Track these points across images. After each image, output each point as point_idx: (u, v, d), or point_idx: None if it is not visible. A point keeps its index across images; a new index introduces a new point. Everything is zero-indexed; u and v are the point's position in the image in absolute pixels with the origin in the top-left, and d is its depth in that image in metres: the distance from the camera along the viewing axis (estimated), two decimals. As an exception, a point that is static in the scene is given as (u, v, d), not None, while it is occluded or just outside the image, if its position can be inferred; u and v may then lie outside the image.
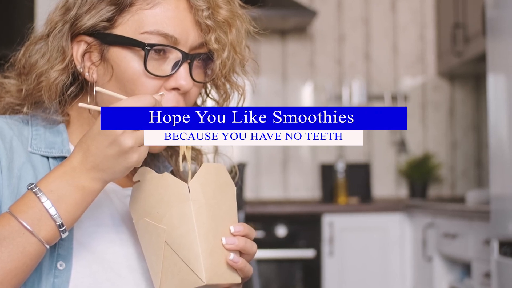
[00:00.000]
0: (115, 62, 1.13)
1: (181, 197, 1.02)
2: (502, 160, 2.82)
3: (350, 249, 4.13)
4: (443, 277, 3.80)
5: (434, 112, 4.87)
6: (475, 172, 4.86)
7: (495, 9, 2.90)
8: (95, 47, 1.14)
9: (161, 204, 1.03)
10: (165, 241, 1.03)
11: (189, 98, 1.17)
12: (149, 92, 1.12)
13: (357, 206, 4.30)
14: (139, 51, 1.12)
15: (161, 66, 1.13)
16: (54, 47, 1.15)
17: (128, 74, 1.12)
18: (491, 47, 2.94)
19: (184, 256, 1.02)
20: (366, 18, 4.87)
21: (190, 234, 1.02)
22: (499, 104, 2.85)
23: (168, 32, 1.11)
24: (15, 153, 1.12)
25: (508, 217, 2.74)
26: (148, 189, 1.04)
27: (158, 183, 1.04)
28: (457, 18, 4.31)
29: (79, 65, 1.15)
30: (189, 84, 1.14)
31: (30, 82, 1.15)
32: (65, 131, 1.17)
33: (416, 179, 4.65)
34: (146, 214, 1.05)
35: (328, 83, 4.80)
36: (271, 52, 4.81)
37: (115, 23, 1.13)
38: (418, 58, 4.87)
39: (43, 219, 1.01)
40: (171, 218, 1.03)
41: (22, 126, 1.17)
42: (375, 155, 4.84)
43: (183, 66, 1.13)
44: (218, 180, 1.07)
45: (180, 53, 1.13)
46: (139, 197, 1.06)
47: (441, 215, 3.71)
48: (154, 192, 1.04)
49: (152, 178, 1.04)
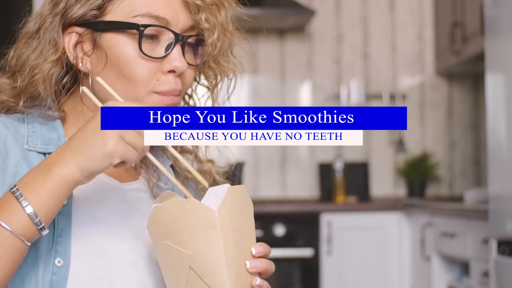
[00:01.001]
0: (109, 48, 1.13)
1: (209, 224, 1.00)
2: (500, 160, 2.82)
3: (348, 248, 4.13)
4: (442, 276, 3.80)
5: (433, 112, 4.87)
6: (473, 172, 4.87)
7: (494, 8, 2.90)
8: (86, 36, 1.15)
9: (185, 229, 1.01)
10: (190, 266, 1.01)
11: (185, 81, 1.18)
12: (146, 75, 1.13)
13: (355, 205, 4.30)
14: (132, 34, 1.12)
15: (155, 49, 1.14)
16: (46, 40, 1.15)
17: (122, 58, 1.13)
18: (489, 47, 2.94)
19: (211, 283, 1.01)
20: (364, 17, 4.87)
21: (218, 262, 1.01)
22: (497, 104, 2.86)
23: (160, 14, 1.13)
24: (10, 151, 1.12)
25: (506, 216, 2.74)
26: (171, 213, 1.02)
27: (183, 207, 1.01)
28: (455, 17, 4.32)
29: (72, 56, 1.16)
30: (184, 65, 1.14)
31: (24, 77, 1.16)
32: (61, 127, 1.18)
33: (414, 179, 4.66)
34: (167, 237, 1.02)
35: (327, 83, 4.80)
36: (269, 51, 4.81)
37: (105, 10, 1.13)
38: (416, 58, 4.87)
39: (16, 212, 1.00)
40: (197, 244, 1.00)
41: (18, 125, 1.17)
42: (374, 154, 4.84)
43: (176, 48, 1.14)
44: (240, 202, 1.05)
45: (172, 34, 1.14)
46: (160, 219, 1.03)
47: (440, 215, 3.72)
48: (178, 217, 1.01)
49: (176, 202, 1.01)
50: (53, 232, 1.09)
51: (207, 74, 1.26)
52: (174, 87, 1.15)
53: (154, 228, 1.04)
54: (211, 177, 1.32)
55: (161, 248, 1.04)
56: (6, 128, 1.14)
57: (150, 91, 1.14)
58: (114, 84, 1.14)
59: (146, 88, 1.14)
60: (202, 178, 1.13)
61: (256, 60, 4.80)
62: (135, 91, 1.14)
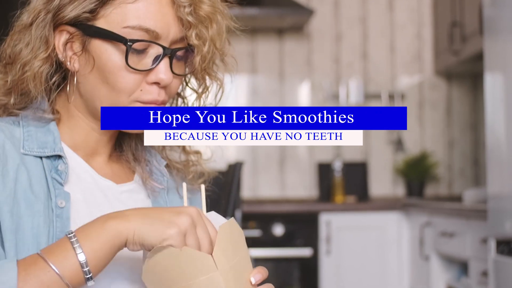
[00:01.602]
0: (96, 54, 1.13)
1: (207, 269, 1.01)
2: (499, 159, 2.82)
3: (347, 248, 4.13)
4: (440, 276, 3.81)
5: (431, 111, 4.87)
6: (472, 171, 4.87)
7: (492, 8, 2.90)
8: (77, 37, 1.15)
9: (183, 278, 1.01)
10: None
11: (170, 91, 1.17)
12: (130, 86, 1.13)
13: (354, 205, 4.30)
14: (120, 45, 1.12)
15: (142, 60, 1.13)
16: (37, 36, 1.15)
17: (108, 66, 1.13)
18: (488, 46, 2.94)
19: None
20: (363, 17, 4.87)
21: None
22: (496, 103, 2.86)
23: (150, 27, 1.12)
24: (9, 156, 1.12)
25: (505, 215, 2.74)
26: (166, 264, 1.01)
27: (178, 257, 1.00)
28: (454, 16, 4.32)
29: (61, 55, 1.16)
30: (169, 78, 1.14)
31: (15, 73, 1.16)
32: (56, 129, 1.17)
33: (413, 178, 4.66)
34: (166, 287, 1.02)
35: (326, 82, 4.80)
36: (268, 51, 4.81)
37: (98, 15, 1.13)
38: (415, 57, 4.87)
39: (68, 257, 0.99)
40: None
41: (13, 128, 1.17)
42: (372, 154, 4.84)
43: (164, 61, 1.14)
44: (232, 238, 1.06)
45: (161, 48, 1.13)
46: (155, 271, 1.02)
47: (438, 214, 3.72)
48: (174, 267, 1.01)
49: (169, 254, 1.00)
50: (52, 235, 1.09)
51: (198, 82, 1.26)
52: (157, 98, 1.14)
53: (151, 279, 1.04)
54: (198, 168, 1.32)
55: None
56: (2, 133, 1.14)
57: (133, 100, 1.14)
58: (99, 89, 1.14)
59: (129, 98, 1.14)
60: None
61: (255, 59, 4.80)
62: (118, 99, 1.14)
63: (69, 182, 1.15)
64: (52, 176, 1.13)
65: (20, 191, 1.09)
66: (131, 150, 1.26)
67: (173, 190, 1.29)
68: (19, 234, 1.07)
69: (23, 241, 1.07)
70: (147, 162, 1.26)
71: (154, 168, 1.26)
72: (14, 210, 1.08)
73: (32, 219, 1.08)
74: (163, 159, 1.28)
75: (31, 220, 1.08)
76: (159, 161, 1.28)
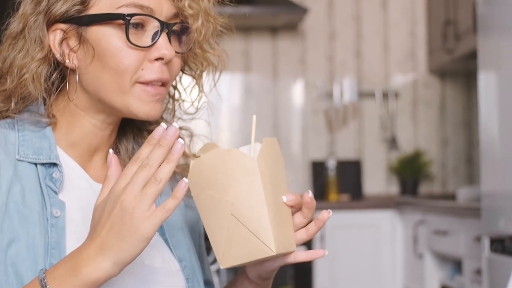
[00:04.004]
0: (95, 41, 1.13)
1: (250, 172, 1.04)
2: (493, 157, 2.83)
3: (341, 246, 4.13)
4: (434, 274, 3.81)
5: (425, 109, 4.88)
6: (466, 169, 4.88)
7: (486, 6, 2.90)
8: (71, 32, 1.14)
9: (227, 178, 1.04)
10: (231, 213, 1.04)
11: (172, 69, 1.17)
12: (133, 65, 1.12)
13: (348, 203, 4.30)
14: (118, 25, 1.12)
15: (140, 38, 1.13)
16: (31, 39, 1.14)
17: (109, 49, 1.12)
18: (482, 45, 2.94)
19: (253, 228, 1.04)
20: (357, 15, 4.87)
21: (259, 207, 1.04)
22: (490, 101, 2.86)
23: (143, 3, 1.12)
24: (2, 168, 1.10)
25: (499, 214, 2.74)
26: (213, 163, 1.05)
27: (223, 158, 1.04)
28: (448, 15, 4.32)
29: (58, 54, 1.15)
30: (172, 52, 1.13)
31: (13, 78, 1.14)
32: (52, 135, 1.16)
33: (407, 176, 4.66)
34: (209, 187, 1.05)
35: (319, 81, 4.80)
36: (262, 49, 4.81)
37: (89, 4, 1.13)
38: (409, 55, 4.87)
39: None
40: (239, 192, 1.04)
41: (8, 132, 1.15)
42: (366, 152, 4.84)
43: (162, 36, 1.14)
44: (273, 153, 1.09)
45: (157, 22, 1.13)
46: (201, 170, 1.06)
47: (432, 212, 3.72)
48: (219, 167, 1.05)
49: (216, 153, 1.05)
50: (47, 245, 1.07)
51: (193, 63, 1.25)
52: (160, 76, 1.14)
53: (195, 180, 1.06)
54: None
55: (202, 199, 1.06)
56: None
57: (134, 82, 1.13)
58: (101, 77, 1.13)
59: (131, 79, 1.13)
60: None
61: (248, 58, 4.79)
62: (121, 82, 1.13)
63: (64, 189, 1.13)
64: (47, 183, 1.11)
65: (12, 204, 1.08)
66: (128, 154, 1.26)
67: (166, 191, 1.28)
68: (13, 248, 1.06)
69: (17, 253, 1.06)
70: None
71: None
72: (5, 225, 1.06)
73: (27, 230, 1.07)
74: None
75: (26, 231, 1.07)
76: None
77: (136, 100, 1.14)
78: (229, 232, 1.05)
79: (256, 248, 1.05)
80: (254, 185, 1.04)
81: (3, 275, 1.05)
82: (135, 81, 1.13)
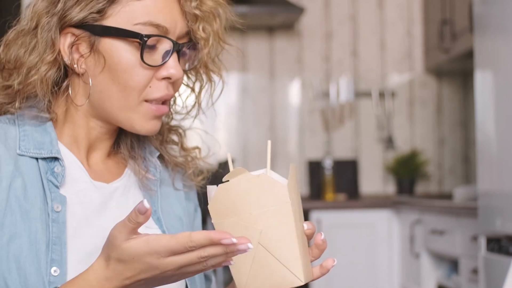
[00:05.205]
0: (108, 53, 1.12)
1: (281, 199, 1.01)
2: (489, 157, 2.83)
3: (337, 246, 4.13)
4: (431, 274, 3.81)
5: (422, 109, 4.88)
6: (462, 169, 4.88)
7: (482, 6, 2.90)
8: (83, 38, 1.14)
9: (256, 205, 1.00)
10: (258, 242, 1.00)
11: (176, 86, 1.18)
12: (142, 83, 1.13)
13: (344, 202, 4.30)
14: (133, 42, 1.12)
15: (152, 56, 1.13)
16: (43, 40, 1.13)
17: (122, 65, 1.12)
18: (478, 44, 2.94)
19: (281, 257, 1.01)
20: (353, 14, 4.87)
21: (289, 236, 1.01)
22: (486, 101, 2.86)
23: (160, 23, 1.12)
24: (3, 162, 1.10)
25: (495, 213, 2.74)
26: (241, 189, 1.01)
27: (254, 183, 1.01)
28: (444, 14, 4.32)
29: (67, 57, 1.14)
30: (180, 73, 1.15)
31: (21, 79, 1.14)
32: (53, 130, 1.16)
33: (403, 176, 4.66)
34: (234, 214, 1.01)
35: (316, 80, 4.80)
36: (258, 48, 4.81)
37: (105, 14, 1.12)
38: (405, 55, 4.87)
39: None
40: (268, 220, 1.00)
41: (8, 127, 1.15)
42: (363, 151, 4.84)
43: (173, 56, 1.14)
44: (295, 180, 1.07)
45: (170, 43, 1.14)
46: (227, 197, 1.02)
47: (429, 212, 3.72)
48: (247, 193, 1.01)
49: (245, 179, 1.01)
50: (48, 240, 1.07)
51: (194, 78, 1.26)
52: (166, 93, 1.15)
53: (218, 206, 1.03)
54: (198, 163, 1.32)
55: (226, 226, 1.02)
56: None
57: (142, 100, 1.14)
58: (109, 89, 1.13)
59: (139, 97, 1.13)
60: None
61: (245, 57, 4.79)
62: (129, 98, 1.13)
63: (65, 184, 1.13)
64: (48, 178, 1.11)
65: (14, 199, 1.08)
66: (127, 148, 1.26)
67: (166, 182, 1.28)
68: (15, 243, 1.06)
69: (20, 249, 1.06)
70: (143, 159, 1.26)
71: (149, 161, 1.25)
72: (6, 221, 1.06)
73: (29, 225, 1.07)
74: (156, 150, 1.27)
75: (28, 227, 1.07)
76: (152, 153, 1.27)
77: (140, 117, 1.15)
78: (255, 261, 1.02)
79: (284, 277, 1.02)
80: (284, 213, 1.01)
81: (6, 271, 1.05)
82: (142, 99, 1.14)
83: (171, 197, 1.28)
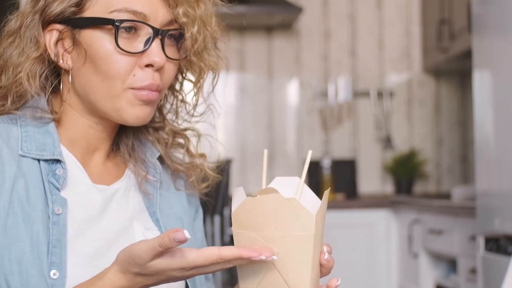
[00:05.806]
0: (87, 44, 1.13)
1: (306, 228, 1.00)
2: (487, 156, 2.83)
3: (336, 246, 4.10)
4: (429, 273, 3.81)
5: (420, 109, 4.88)
6: (460, 168, 4.88)
7: (481, 6, 2.90)
8: (66, 33, 1.15)
9: (279, 227, 1.00)
10: (272, 262, 1.00)
11: (165, 76, 1.16)
12: (123, 71, 1.12)
13: (343, 202, 4.30)
14: (109, 30, 1.12)
15: (133, 44, 1.13)
16: (27, 38, 1.15)
17: (100, 53, 1.12)
18: (476, 44, 2.94)
19: (291, 282, 1.01)
20: (352, 14, 4.87)
21: (304, 266, 1.01)
22: (484, 101, 2.86)
23: (137, 9, 1.12)
24: (6, 164, 1.10)
25: (493, 213, 2.74)
26: (268, 208, 1.00)
27: (283, 205, 1.00)
28: (442, 14, 4.32)
29: (53, 54, 1.15)
30: (162, 60, 1.13)
31: (8, 77, 1.15)
32: (55, 131, 1.16)
33: (402, 176, 4.66)
34: (255, 229, 1.01)
35: (314, 80, 4.80)
36: (257, 48, 4.80)
37: (84, 7, 1.13)
38: (403, 54, 4.88)
39: None
40: (287, 243, 1.00)
41: (10, 127, 1.15)
42: (361, 151, 4.84)
43: (155, 42, 1.13)
44: (325, 208, 1.06)
45: (150, 29, 1.13)
46: (252, 210, 1.01)
47: (427, 211, 3.72)
48: (275, 213, 1.00)
49: (276, 198, 1.00)
50: (49, 243, 1.07)
51: (192, 69, 1.25)
52: (152, 81, 1.14)
53: (241, 217, 1.02)
54: (202, 171, 1.31)
55: (244, 238, 1.01)
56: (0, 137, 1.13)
57: (127, 87, 1.13)
58: (92, 80, 1.13)
59: (122, 85, 1.13)
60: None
61: (243, 57, 4.79)
62: (112, 87, 1.13)
63: (66, 186, 1.13)
64: (49, 180, 1.11)
65: (16, 200, 1.08)
66: (128, 150, 1.25)
67: (167, 183, 1.28)
68: (17, 246, 1.05)
69: (22, 252, 1.05)
70: (143, 160, 1.25)
71: (149, 162, 1.25)
72: (8, 223, 1.06)
73: (31, 228, 1.07)
74: (157, 151, 1.27)
75: (30, 229, 1.06)
76: (152, 154, 1.26)
77: (126, 104, 1.14)
78: (264, 279, 1.01)
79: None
80: (305, 242, 1.00)
81: (8, 273, 1.04)
82: (127, 87, 1.13)
83: (172, 197, 1.27)
